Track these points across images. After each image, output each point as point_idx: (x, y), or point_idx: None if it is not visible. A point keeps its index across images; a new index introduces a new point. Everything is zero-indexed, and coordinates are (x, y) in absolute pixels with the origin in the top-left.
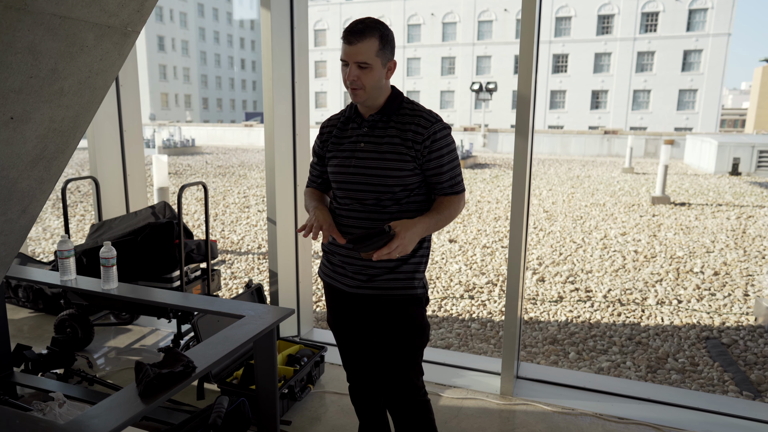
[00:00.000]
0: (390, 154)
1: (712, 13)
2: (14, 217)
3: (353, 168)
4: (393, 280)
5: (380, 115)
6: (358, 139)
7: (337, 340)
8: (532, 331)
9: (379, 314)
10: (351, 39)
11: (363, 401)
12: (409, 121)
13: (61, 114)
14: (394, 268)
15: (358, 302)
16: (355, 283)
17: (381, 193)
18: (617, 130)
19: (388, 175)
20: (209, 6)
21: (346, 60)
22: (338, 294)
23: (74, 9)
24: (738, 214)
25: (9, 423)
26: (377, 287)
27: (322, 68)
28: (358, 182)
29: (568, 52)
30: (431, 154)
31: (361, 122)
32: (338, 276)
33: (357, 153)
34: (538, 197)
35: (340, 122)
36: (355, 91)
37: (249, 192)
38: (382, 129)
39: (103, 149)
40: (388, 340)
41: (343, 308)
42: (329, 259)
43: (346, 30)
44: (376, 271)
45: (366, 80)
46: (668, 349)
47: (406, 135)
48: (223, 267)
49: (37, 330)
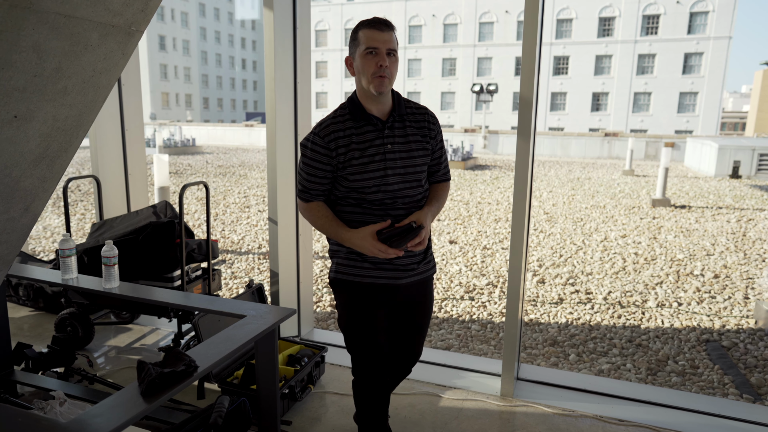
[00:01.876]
0: (418, 152)
1: (713, 16)
2: (17, 215)
3: (390, 170)
4: (426, 263)
5: (397, 114)
6: (385, 141)
7: (362, 339)
8: (532, 333)
9: (422, 295)
10: (382, 26)
11: (383, 396)
12: (421, 119)
13: (65, 113)
14: (425, 253)
15: (403, 291)
16: (406, 274)
17: (414, 189)
18: (618, 133)
19: (419, 170)
20: (210, 6)
21: (375, 47)
22: (381, 289)
23: (79, 8)
24: (738, 217)
25: (11, 421)
26: (421, 272)
27: (323, 69)
28: (394, 182)
29: (569, 54)
30: (437, 144)
31: (381, 125)
32: (383, 272)
33: (388, 155)
34: (539, 199)
35: (349, 129)
36: (383, 79)
37: (249, 192)
38: (401, 128)
39: (104, 148)
40: (423, 318)
41: (380, 302)
42: (367, 259)
43: (372, 20)
44: (418, 257)
45: (393, 69)
46: (668, 352)
47: (424, 132)
48: (224, 267)
49: (38, 328)
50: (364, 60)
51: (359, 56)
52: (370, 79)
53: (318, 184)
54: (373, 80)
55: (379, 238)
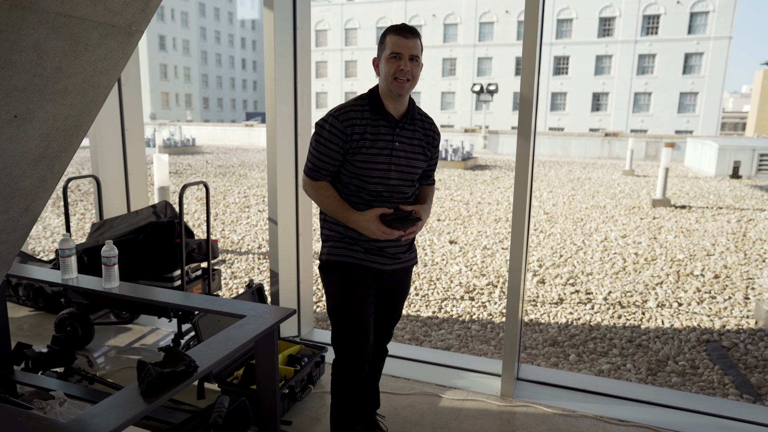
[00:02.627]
0: (417, 154)
1: (713, 16)
2: (16, 215)
3: (393, 165)
4: (410, 252)
5: (409, 117)
6: (394, 139)
7: (353, 320)
8: (532, 333)
9: (401, 282)
10: (407, 34)
11: (362, 383)
12: (427, 127)
13: (65, 113)
14: (410, 244)
15: (387, 277)
16: (392, 261)
17: (408, 187)
18: (618, 133)
19: (415, 172)
20: (210, 6)
21: (399, 52)
22: (370, 273)
23: (79, 8)
24: (738, 217)
25: (11, 421)
26: (405, 260)
27: (323, 69)
28: (395, 177)
29: (569, 54)
30: (434, 153)
31: (394, 123)
32: (372, 257)
33: (394, 151)
34: (539, 199)
35: (366, 119)
36: (404, 83)
37: (249, 192)
38: (410, 131)
39: (104, 148)
40: (400, 302)
41: (370, 285)
42: (360, 244)
43: (398, 27)
44: (404, 248)
45: (415, 73)
46: (668, 352)
47: (428, 139)
48: (224, 267)
49: (38, 328)
50: (388, 63)
51: (384, 59)
52: (390, 80)
53: (328, 164)
54: (393, 82)
55: (383, 221)
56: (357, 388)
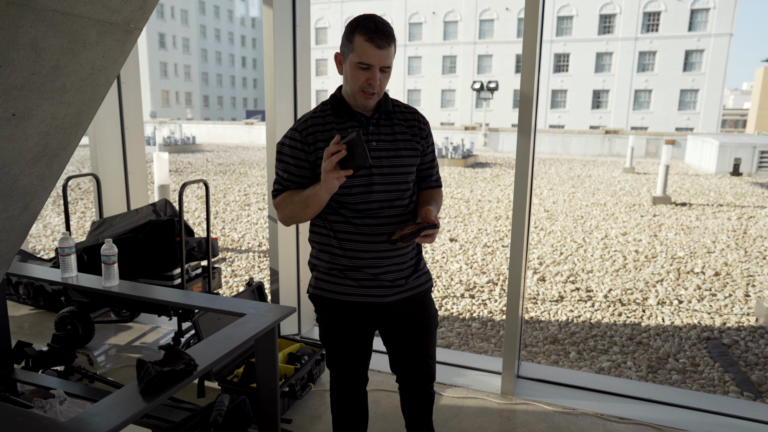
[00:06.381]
0: (406, 150)
1: (714, 13)
2: (16, 214)
3: (375, 170)
4: (416, 277)
5: (383, 111)
6: (370, 138)
7: (345, 361)
8: (532, 331)
9: (415, 312)
10: (380, 42)
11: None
12: (410, 118)
13: (63, 111)
14: (415, 266)
15: (391, 309)
16: (393, 291)
17: (402, 191)
18: (618, 130)
19: (407, 171)
20: (210, 3)
21: (370, 63)
22: (365, 309)
23: (77, 5)
24: (739, 214)
25: (11, 420)
26: (410, 288)
27: (323, 66)
28: (380, 182)
29: (569, 52)
30: (428, 147)
31: (366, 121)
32: (367, 290)
33: (371, 152)
34: (539, 197)
35: (330, 124)
36: (371, 96)
37: (249, 190)
38: (388, 126)
39: (104, 146)
40: (419, 334)
41: (365, 323)
42: (349, 275)
43: (371, 30)
44: (407, 270)
45: (384, 83)
46: (669, 350)
47: (414, 131)
48: (224, 265)
49: (38, 327)
50: (355, 71)
51: (350, 64)
52: (357, 91)
53: (297, 184)
54: (359, 93)
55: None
56: (352, 408)
